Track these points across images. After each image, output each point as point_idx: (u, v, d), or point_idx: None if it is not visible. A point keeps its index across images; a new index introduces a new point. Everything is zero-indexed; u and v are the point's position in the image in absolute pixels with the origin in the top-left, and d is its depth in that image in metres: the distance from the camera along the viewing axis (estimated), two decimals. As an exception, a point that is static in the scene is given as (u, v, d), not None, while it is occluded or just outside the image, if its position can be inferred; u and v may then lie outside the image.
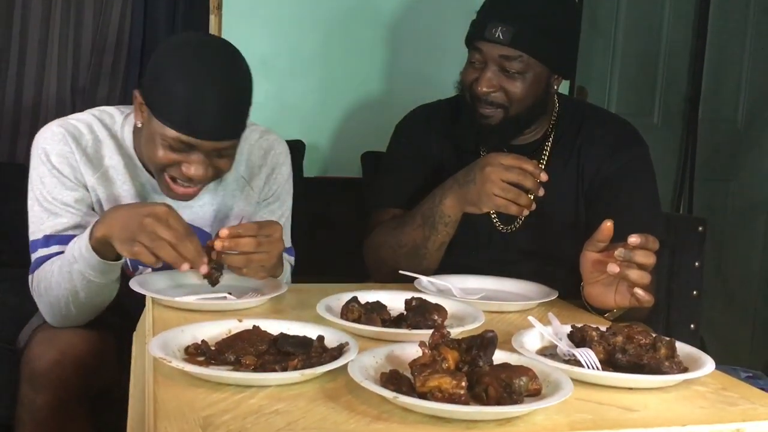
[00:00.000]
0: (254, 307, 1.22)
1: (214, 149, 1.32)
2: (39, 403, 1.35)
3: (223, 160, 1.36)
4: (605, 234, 1.21)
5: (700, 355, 1.01)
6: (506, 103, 1.49)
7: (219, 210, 1.51)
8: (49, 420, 1.37)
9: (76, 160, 1.41)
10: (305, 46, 2.55)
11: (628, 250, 1.15)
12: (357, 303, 1.13)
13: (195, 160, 1.32)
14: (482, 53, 1.48)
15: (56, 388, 1.35)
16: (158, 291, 1.24)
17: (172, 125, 1.29)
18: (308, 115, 2.58)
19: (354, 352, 0.92)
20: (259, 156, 1.55)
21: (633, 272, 1.15)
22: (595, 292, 1.26)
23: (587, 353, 0.97)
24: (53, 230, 1.38)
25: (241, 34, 2.47)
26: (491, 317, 1.22)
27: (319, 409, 0.81)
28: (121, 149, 1.45)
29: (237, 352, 0.93)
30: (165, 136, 1.30)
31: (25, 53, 2.26)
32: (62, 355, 1.35)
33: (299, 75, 2.56)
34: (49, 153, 1.40)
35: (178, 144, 1.30)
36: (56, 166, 1.39)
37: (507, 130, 1.53)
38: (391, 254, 1.54)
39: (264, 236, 1.24)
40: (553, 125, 1.60)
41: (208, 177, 1.36)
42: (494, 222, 1.59)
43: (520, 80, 1.48)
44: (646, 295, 1.17)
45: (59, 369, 1.34)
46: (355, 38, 2.58)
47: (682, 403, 0.91)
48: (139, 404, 0.96)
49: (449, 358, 0.86)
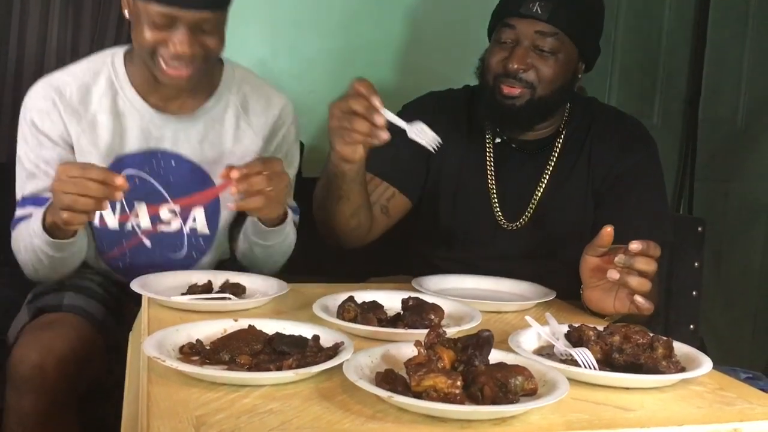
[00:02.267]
0: (251, 308, 1.21)
1: (198, 22, 1.33)
2: (25, 408, 1.33)
3: (209, 38, 1.37)
4: (605, 239, 1.19)
5: (698, 354, 1.01)
6: (535, 83, 1.47)
7: (212, 144, 1.51)
8: (37, 425, 1.34)
9: (59, 115, 1.43)
10: (304, 47, 2.55)
11: (628, 257, 1.13)
12: (353, 303, 1.12)
13: (180, 35, 1.33)
14: (515, 30, 1.47)
15: (40, 392, 1.32)
16: (157, 292, 1.24)
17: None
18: (307, 116, 2.58)
19: (349, 351, 0.92)
20: (262, 104, 1.56)
21: (633, 279, 1.14)
22: (594, 297, 1.25)
23: (584, 353, 0.97)
24: (29, 192, 1.43)
25: (240, 35, 2.47)
26: (489, 317, 1.21)
27: (314, 409, 0.81)
28: (111, 85, 1.47)
29: (232, 351, 0.93)
30: (149, 14, 1.31)
31: (24, 53, 2.26)
32: (43, 357, 1.31)
33: (297, 76, 2.56)
34: (31, 111, 1.43)
35: (162, 19, 1.31)
36: (36, 124, 1.43)
37: (530, 114, 1.50)
38: (314, 204, 1.51)
39: (271, 172, 1.28)
40: (565, 122, 1.59)
41: (196, 55, 1.36)
42: (498, 219, 1.57)
43: (553, 60, 1.47)
44: (646, 302, 1.15)
45: (42, 373, 1.31)
46: (353, 39, 2.58)
47: (679, 402, 0.90)
48: (134, 403, 0.95)
49: (445, 357, 0.86)
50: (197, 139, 1.50)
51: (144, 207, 1.49)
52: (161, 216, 1.50)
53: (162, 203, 1.50)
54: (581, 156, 1.56)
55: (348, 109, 1.25)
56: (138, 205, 1.49)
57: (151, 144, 1.48)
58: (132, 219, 1.49)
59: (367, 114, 1.24)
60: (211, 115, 1.51)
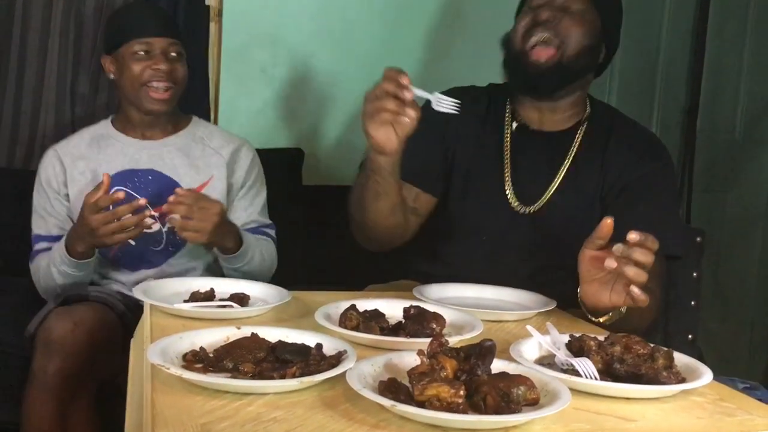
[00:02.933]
0: (253, 316, 1.22)
1: (166, 48, 1.77)
2: (51, 370, 1.52)
3: (177, 64, 1.79)
4: (605, 231, 1.20)
5: (698, 365, 1.01)
6: (565, 34, 1.51)
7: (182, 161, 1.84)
8: (59, 389, 1.52)
9: (60, 163, 1.80)
10: (304, 54, 2.56)
11: (626, 247, 1.14)
12: (355, 311, 1.13)
13: (158, 59, 1.76)
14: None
15: (68, 355, 1.52)
16: (159, 298, 1.24)
17: (132, 36, 1.76)
18: (307, 123, 2.59)
19: (352, 360, 0.92)
20: (224, 137, 1.90)
21: (630, 269, 1.13)
22: (591, 290, 1.25)
23: (585, 363, 0.97)
24: (41, 231, 1.79)
25: (241, 42, 2.48)
26: (489, 326, 1.22)
27: (317, 417, 0.81)
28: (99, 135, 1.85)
29: (235, 359, 0.93)
30: (132, 53, 1.76)
31: (25, 59, 2.26)
32: (76, 325, 1.54)
33: (298, 83, 2.57)
34: (41, 170, 1.82)
35: (142, 48, 1.76)
36: (42, 179, 1.81)
37: (557, 76, 1.52)
38: (350, 205, 1.53)
39: (199, 207, 1.57)
40: (586, 118, 1.61)
41: (171, 74, 1.77)
42: (511, 202, 1.56)
43: (579, 20, 1.52)
44: (642, 294, 1.15)
45: (73, 337, 1.52)
46: (354, 46, 2.59)
47: (679, 413, 0.91)
48: (137, 411, 0.96)
49: (447, 366, 0.86)
50: (169, 158, 1.82)
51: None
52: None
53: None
54: (597, 158, 1.56)
55: (380, 92, 1.30)
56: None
57: (131, 165, 1.82)
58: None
59: (395, 92, 1.29)
60: (181, 141, 1.86)
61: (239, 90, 2.50)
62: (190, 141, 1.86)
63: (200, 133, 1.88)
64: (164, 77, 1.75)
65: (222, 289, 1.30)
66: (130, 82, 1.77)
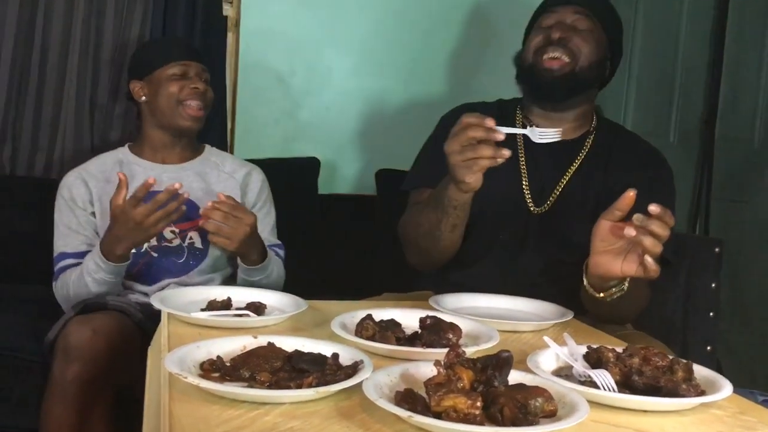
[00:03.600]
0: (270, 325, 1.22)
1: (200, 71, 1.93)
2: (70, 376, 1.53)
3: (208, 88, 1.93)
4: (626, 202, 1.24)
5: (718, 378, 1.00)
6: (576, 52, 1.60)
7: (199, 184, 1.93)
8: (77, 395, 1.54)
9: (84, 184, 1.86)
10: (321, 64, 2.57)
11: (646, 218, 1.18)
12: (371, 321, 1.13)
13: (194, 78, 1.91)
14: (557, 13, 1.64)
15: (87, 361, 1.54)
16: (175, 307, 1.25)
17: (170, 60, 1.90)
18: (323, 132, 2.60)
19: (368, 370, 0.92)
20: (237, 164, 2.00)
21: (647, 239, 1.18)
22: (602, 260, 1.28)
23: (603, 375, 0.96)
24: (66, 249, 1.81)
25: (258, 52, 2.50)
26: (506, 337, 1.21)
27: (334, 428, 0.81)
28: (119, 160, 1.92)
29: (252, 368, 0.93)
30: (170, 75, 1.89)
31: (45, 69, 2.29)
32: (95, 332, 1.55)
33: (315, 93, 2.58)
34: (63, 188, 1.87)
35: (180, 69, 1.90)
36: (65, 196, 1.86)
37: (569, 85, 1.61)
38: (413, 233, 1.59)
39: (234, 216, 1.64)
40: (594, 129, 1.68)
41: (206, 95, 1.91)
42: (527, 204, 1.62)
43: (589, 37, 1.62)
44: (654, 264, 1.20)
45: (92, 344, 1.54)
46: (371, 56, 2.60)
47: (698, 427, 0.90)
48: (154, 419, 0.96)
49: (464, 377, 0.86)
50: (187, 181, 1.88)
51: None
52: (165, 235, 1.84)
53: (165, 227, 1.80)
54: (601, 164, 1.63)
55: (467, 141, 1.31)
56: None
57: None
58: (145, 245, 1.80)
59: (488, 137, 1.31)
60: (197, 166, 1.96)
61: (256, 100, 2.52)
62: (206, 167, 1.96)
63: (214, 159, 1.99)
64: (200, 96, 1.89)
65: (239, 298, 1.30)
66: (166, 100, 1.88)
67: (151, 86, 1.91)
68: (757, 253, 3.09)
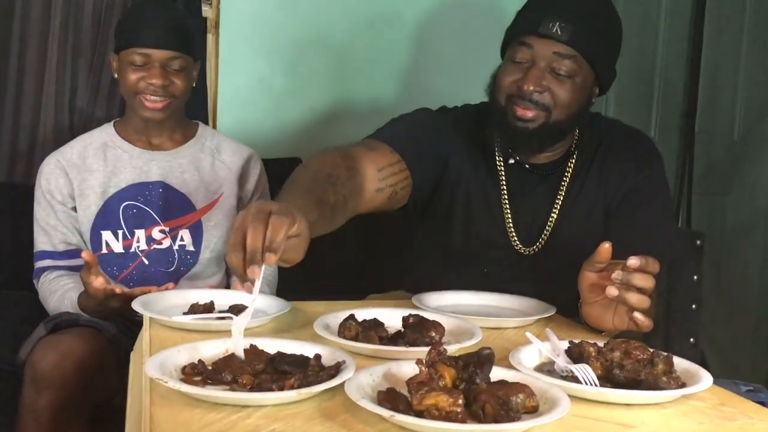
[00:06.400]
0: (252, 327, 1.21)
1: (166, 61, 1.70)
2: (42, 404, 1.47)
3: (177, 78, 1.73)
4: (603, 256, 1.18)
5: (698, 370, 1.01)
6: (550, 106, 1.42)
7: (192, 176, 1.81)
8: (51, 422, 1.48)
9: (64, 172, 1.76)
10: (303, 64, 2.56)
11: (626, 273, 1.12)
12: (354, 321, 1.13)
13: (154, 71, 1.70)
14: (532, 50, 1.41)
15: (58, 388, 1.48)
16: (158, 311, 1.24)
17: (130, 44, 1.71)
18: (306, 133, 2.59)
19: (351, 370, 0.92)
20: (233, 149, 1.87)
21: (632, 296, 1.12)
22: (593, 313, 1.24)
23: (585, 369, 0.97)
24: (45, 247, 1.76)
25: (239, 53, 2.49)
26: (489, 333, 1.21)
27: (316, 429, 0.81)
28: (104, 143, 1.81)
29: (234, 371, 0.93)
30: (130, 60, 1.71)
31: (24, 73, 2.27)
32: (63, 357, 1.50)
33: (297, 93, 2.57)
34: (41, 177, 1.77)
35: (139, 59, 1.70)
36: (43, 187, 1.76)
37: (543, 138, 1.46)
38: (301, 171, 1.29)
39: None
40: (576, 143, 1.55)
41: (168, 89, 1.71)
42: (514, 244, 1.53)
43: (569, 83, 1.42)
44: (645, 319, 1.14)
45: (61, 370, 1.48)
46: (353, 56, 2.60)
47: (680, 418, 0.90)
48: (136, 425, 0.95)
49: (446, 375, 0.86)
50: (179, 171, 1.80)
51: (142, 231, 1.77)
52: (154, 236, 1.77)
53: (154, 225, 1.78)
54: (592, 176, 1.52)
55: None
56: (137, 231, 1.77)
57: (141, 177, 1.79)
58: (134, 243, 1.76)
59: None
60: (190, 153, 1.83)
61: (237, 100, 2.51)
62: (200, 153, 1.84)
63: (209, 143, 1.86)
64: (158, 92, 1.71)
65: (221, 302, 1.30)
66: (125, 88, 1.76)
67: (119, 65, 1.75)
68: (739, 245, 3.12)
